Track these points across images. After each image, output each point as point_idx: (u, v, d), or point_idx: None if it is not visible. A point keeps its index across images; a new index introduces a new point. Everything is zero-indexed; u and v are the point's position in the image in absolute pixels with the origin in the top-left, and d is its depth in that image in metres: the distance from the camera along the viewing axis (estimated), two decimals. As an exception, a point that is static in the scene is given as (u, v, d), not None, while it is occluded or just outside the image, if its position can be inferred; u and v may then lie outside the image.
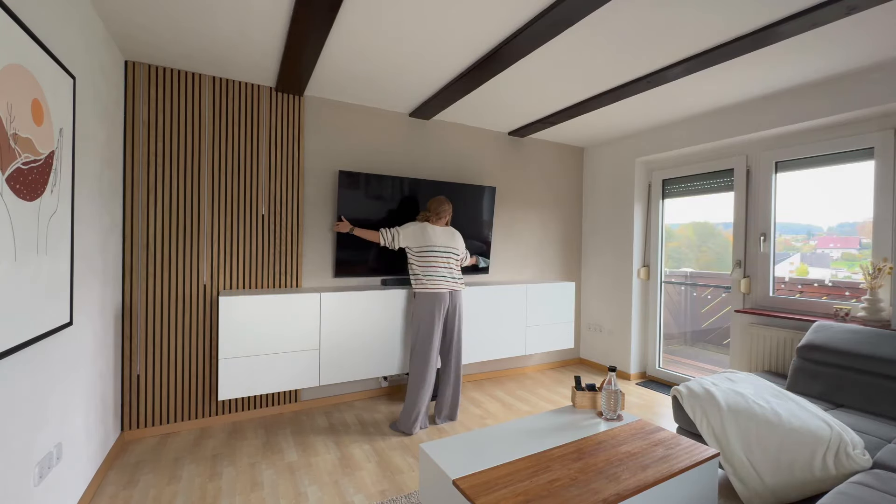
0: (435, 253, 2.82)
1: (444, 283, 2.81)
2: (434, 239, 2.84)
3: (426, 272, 2.80)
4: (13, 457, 1.34)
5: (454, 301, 2.86)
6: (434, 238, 2.84)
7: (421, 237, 2.84)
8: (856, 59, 2.37)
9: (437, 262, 2.82)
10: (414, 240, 2.84)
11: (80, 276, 1.88)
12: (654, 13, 1.95)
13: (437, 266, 2.81)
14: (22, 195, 1.34)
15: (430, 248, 2.82)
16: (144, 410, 2.64)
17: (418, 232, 2.85)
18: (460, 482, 1.47)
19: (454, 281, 2.86)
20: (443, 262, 2.83)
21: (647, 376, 4.02)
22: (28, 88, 1.36)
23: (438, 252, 2.83)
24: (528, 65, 2.51)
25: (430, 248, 2.82)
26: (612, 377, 2.02)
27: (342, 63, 2.55)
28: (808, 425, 1.84)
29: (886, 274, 2.51)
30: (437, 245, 2.84)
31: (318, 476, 2.23)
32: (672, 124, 3.58)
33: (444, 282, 2.81)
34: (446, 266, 2.85)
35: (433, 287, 2.77)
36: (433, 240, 2.84)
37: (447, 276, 2.83)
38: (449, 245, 2.89)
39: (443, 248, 2.85)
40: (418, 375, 2.75)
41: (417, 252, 2.83)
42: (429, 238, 2.84)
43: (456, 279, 2.88)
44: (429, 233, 2.85)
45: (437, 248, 2.83)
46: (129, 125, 2.55)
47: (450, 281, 2.84)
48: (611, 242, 4.17)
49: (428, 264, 2.81)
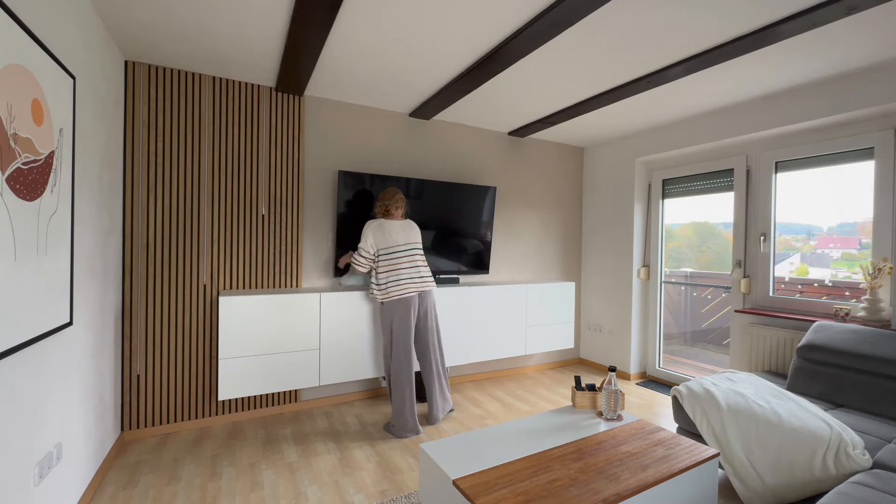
0: (398, 252, 2.65)
1: (412, 284, 2.64)
2: (395, 237, 2.67)
3: (390, 276, 2.62)
4: (13, 457, 1.34)
5: (424, 303, 2.71)
6: (395, 236, 2.67)
7: (382, 237, 2.66)
8: (856, 59, 2.37)
9: (401, 264, 2.65)
10: (379, 240, 2.66)
11: (80, 276, 1.88)
12: (654, 13, 1.95)
13: (402, 267, 2.65)
14: (22, 195, 1.34)
15: (392, 248, 2.64)
16: (144, 410, 2.64)
17: (378, 231, 2.67)
18: (460, 482, 1.47)
19: (422, 281, 2.68)
20: (407, 262, 2.67)
21: (647, 376, 4.02)
22: (28, 88, 1.36)
23: (402, 251, 2.67)
24: (528, 65, 2.51)
25: (393, 249, 2.65)
26: (612, 377, 2.02)
27: (342, 63, 2.55)
28: (808, 425, 1.84)
29: (886, 274, 2.51)
30: (400, 243, 2.67)
31: (318, 476, 2.23)
32: (672, 124, 3.58)
33: (411, 284, 2.64)
34: (412, 265, 2.68)
35: (401, 292, 2.61)
36: (394, 238, 2.67)
37: (414, 277, 2.66)
38: (411, 241, 2.73)
39: (406, 246, 2.69)
40: (396, 383, 2.65)
41: (383, 254, 2.65)
42: (390, 237, 2.66)
43: (424, 278, 2.70)
44: (387, 230, 2.67)
45: (399, 246, 2.66)
46: (129, 125, 2.55)
47: (417, 281, 2.66)
48: (611, 242, 4.17)
49: (392, 267, 2.63)
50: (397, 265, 2.65)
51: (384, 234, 2.67)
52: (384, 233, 2.67)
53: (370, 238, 2.66)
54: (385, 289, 2.63)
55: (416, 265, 2.71)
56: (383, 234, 2.67)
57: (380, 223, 2.71)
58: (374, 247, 2.66)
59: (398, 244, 2.67)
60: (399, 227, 2.72)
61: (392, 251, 2.65)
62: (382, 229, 2.68)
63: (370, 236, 2.67)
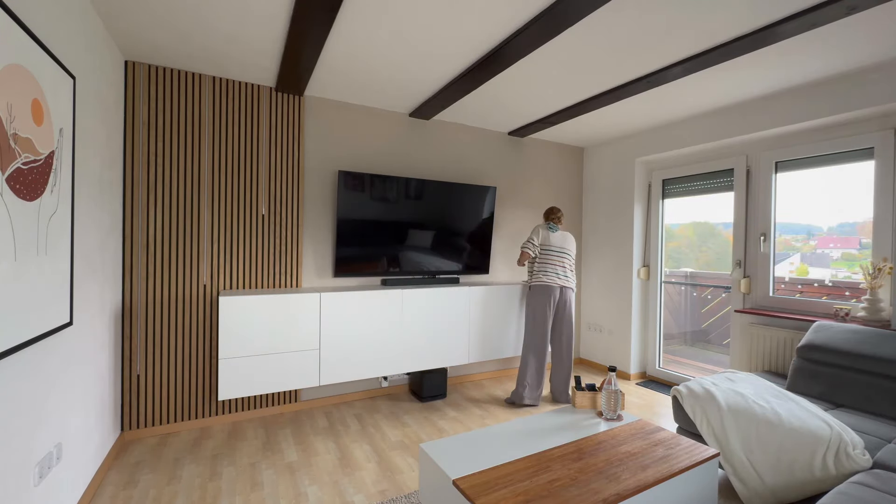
0: (552, 252, 3.27)
1: (557, 279, 3.23)
2: (552, 240, 3.30)
3: (542, 268, 3.24)
4: (13, 457, 1.34)
5: (564, 294, 3.27)
6: (552, 239, 3.30)
7: (542, 237, 3.31)
8: (856, 59, 2.37)
9: (552, 261, 3.26)
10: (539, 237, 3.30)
11: (80, 276, 1.88)
12: (654, 13, 1.95)
13: (554, 264, 3.25)
14: (22, 195, 1.34)
15: (547, 247, 3.30)
16: (144, 410, 2.64)
17: (541, 232, 3.32)
18: (460, 482, 1.47)
19: (564, 277, 3.27)
20: (557, 261, 3.27)
21: (647, 376, 4.02)
22: (28, 88, 1.36)
23: (555, 252, 3.27)
24: (528, 65, 2.51)
25: (548, 248, 3.29)
26: (612, 377, 2.02)
27: (342, 63, 2.55)
28: (808, 425, 1.84)
29: (886, 274, 2.51)
30: (554, 245, 3.29)
31: (318, 476, 2.23)
32: (672, 124, 3.58)
33: (557, 278, 3.22)
34: (561, 265, 3.27)
35: (546, 280, 3.22)
36: (551, 240, 3.30)
37: (561, 274, 3.25)
38: (564, 247, 3.32)
39: (559, 249, 3.29)
40: (525, 352, 3.25)
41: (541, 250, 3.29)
42: (548, 238, 3.30)
43: (567, 276, 3.29)
44: (548, 234, 3.31)
45: (553, 248, 3.28)
46: (129, 125, 2.55)
47: (562, 278, 3.25)
48: (611, 242, 4.17)
49: (544, 261, 3.26)
50: (549, 260, 3.26)
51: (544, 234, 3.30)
52: (544, 234, 3.31)
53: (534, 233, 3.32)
54: (536, 275, 3.26)
55: (564, 266, 3.30)
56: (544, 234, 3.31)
57: (545, 225, 3.36)
58: (535, 240, 3.29)
59: (552, 245, 3.30)
60: (559, 234, 3.34)
61: (546, 248, 3.28)
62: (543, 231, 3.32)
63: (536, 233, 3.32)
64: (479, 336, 3.37)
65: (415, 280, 3.38)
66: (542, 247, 3.26)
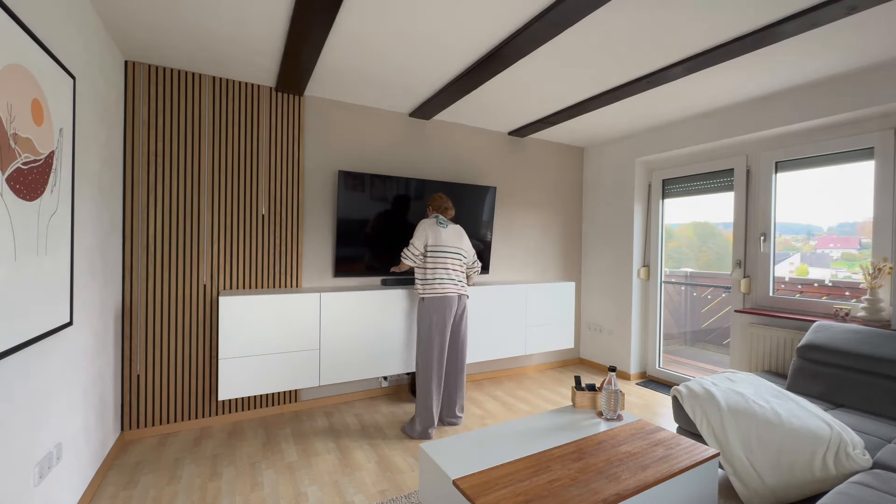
0: (445, 253, 2.73)
1: (455, 286, 2.72)
2: (443, 238, 2.74)
3: (435, 274, 2.69)
4: (13, 457, 1.34)
5: (461, 305, 2.78)
6: (443, 237, 2.75)
7: (431, 236, 2.74)
8: (856, 59, 2.37)
9: (447, 264, 2.72)
10: (425, 240, 2.74)
11: (80, 276, 1.88)
12: (654, 13, 1.95)
13: (448, 268, 2.72)
14: (22, 195, 1.34)
15: (439, 248, 2.73)
16: (144, 410, 2.64)
17: (428, 230, 2.75)
18: (460, 482, 1.47)
19: (461, 284, 2.77)
20: (452, 265, 2.75)
21: (647, 376, 4.02)
22: (28, 88, 1.36)
23: (449, 253, 2.74)
24: (528, 65, 2.51)
25: (440, 248, 2.73)
26: (612, 377, 2.02)
27: (342, 63, 2.55)
28: (808, 425, 1.84)
29: (886, 274, 2.51)
30: (448, 245, 2.75)
31: (318, 476, 2.23)
32: (672, 124, 3.58)
33: (454, 285, 2.71)
34: (455, 268, 2.76)
35: (441, 290, 2.68)
36: (442, 239, 2.74)
37: (457, 279, 2.75)
38: (458, 246, 2.81)
39: (453, 249, 2.77)
40: (426, 379, 2.68)
41: (430, 252, 2.72)
42: (438, 236, 2.73)
43: (462, 282, 2.79)
44: (438, 231, 2.75)
45: (447, 248, 2.74)
46: (129, 125, 2.55)
47: (459, 284, 2.75)
48: (611, 242, 4.17)
49: (437, 265, 2.70)
50: (441, 264, 2.72)
51: (433, 232, 2.75)
52: (433, 231, 2.75)
53: (418, 232, 2.76)
54: (428, 283, 2.70)
55: (458, 269, 2.79)
56: (433, 232, 2.75)
57: (431, 222, 2.78)
58: (418, 241, 2.75)
59: (446, 245, 2.75)
60: (450, 230, 2.81)
61: (439, 249, 2.73)
62: (432, 228, 2.75)
63: (420, 232, 2.75)
64: (478, 336, 3.37)
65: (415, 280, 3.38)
66: (433, 248, 2.70)
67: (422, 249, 2.73)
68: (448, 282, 2.69)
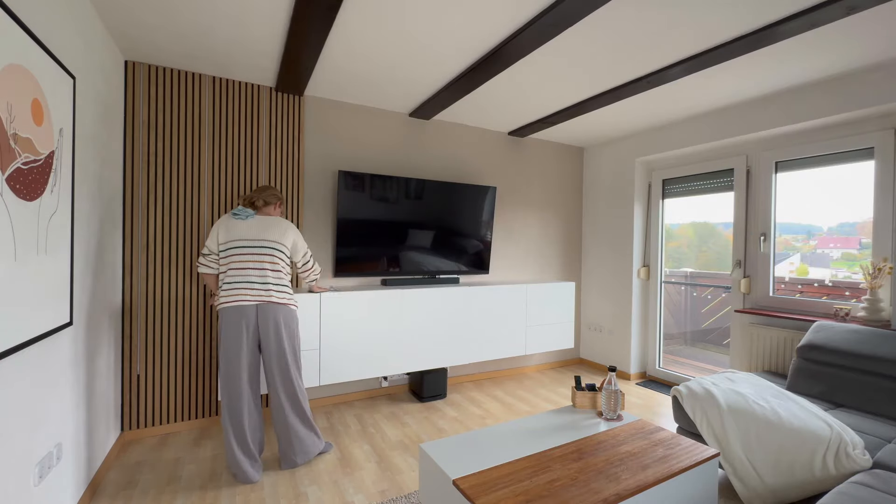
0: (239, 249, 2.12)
1: (249, 293, 2.09)
2: (238, 231, 2.13)
3: (225, 277, 2.12)
4: (13, 457, 1.34)
5: (266, 316, 2.12)
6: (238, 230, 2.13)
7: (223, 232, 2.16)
8: (856, 59, 2.37)
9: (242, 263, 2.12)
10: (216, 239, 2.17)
11: (80, 276, 1.88)
12: (654, 13, 1.95)
13: (242, 267, 2.11)
14: (22, 195, 1.34)
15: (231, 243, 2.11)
16: (144, 410, 2.64)
17: (220, 226, 2.18)
18: (460, 482, 1.47)
19: (264, 289, 2.11)
20: (250, 263, 2.12)
21: (647, 376, 4.02)
22: (28, 88, 1.36)
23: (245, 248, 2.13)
24: (528, 65, 2.51)
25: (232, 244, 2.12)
26: (612, 377, 2.02)
27: (342, 63, 2.55)
28: (808, 425, 1.84)
29: (886, 274, 2.51)
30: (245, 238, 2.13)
31: (318, 476, 2.23)
32: (672, 124, 3.58)
33: (248, 291, 2.09)
34: (255, 268, 2.12)
35: (229, 298, 2.07)
36: (237, 232, 2.13)
37: (257, 283, 2.11)
38: (261, 238, 2.15)
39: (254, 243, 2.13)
40: (223, 412, 2.13)
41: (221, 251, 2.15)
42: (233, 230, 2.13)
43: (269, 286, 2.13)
44: (231, 224, 2.14)
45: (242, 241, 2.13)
46: (129, 125, 2.55)
47: (258, 289, 2.10)
48: (611, 242, 4.17)
49: (228, 265, 2.12)
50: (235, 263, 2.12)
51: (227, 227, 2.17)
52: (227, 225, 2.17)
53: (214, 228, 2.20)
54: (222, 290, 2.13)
55: (263, 268, 2.14)
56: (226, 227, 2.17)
57: (226, 216, 2.22)
58: (211, 241, 2.21)
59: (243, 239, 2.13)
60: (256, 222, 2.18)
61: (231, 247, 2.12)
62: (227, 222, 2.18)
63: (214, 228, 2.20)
64: (479, 336, 3.37)
65: (415, 280, 3.38)
66: (224, 245, 2.13)
67: (215, 250, 2.18)
68: (242, 287, 2.08)
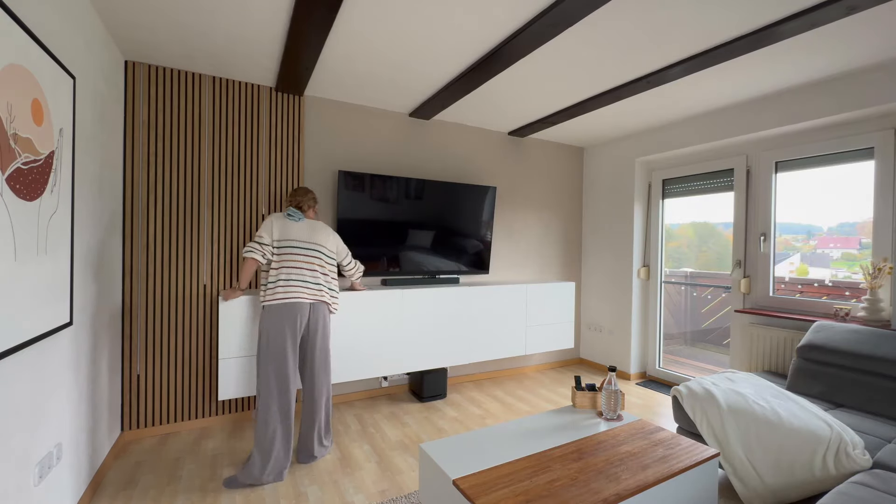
0: (295, 249, 2.22)
1: (304, 291, 2.22)
2: (292, 232, 2.24)
3: (279, 275, 2.20)
4: (13, 457, 1.34)
5: (317, 314, 2.26)
6: (292, 230, 2.24)
7: (277, 229, 2.23)
8: (856, 59, 2.37)
9: (295, 262, 2.22)
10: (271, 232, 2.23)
11: (80, 276, 1.88)
12: (654, 13, 1.95)
13: (296, 267, 2.22)
14: (22, 195, 1.34)
15: (287, 242, 2.20)
16: (144, 410, 2.64)
17: (275, 222, 2.25)
18: (460, 482, 1.47)
19: (317, 288, 2.26)
20: (303, 264, 2.23)
21: (647, 376, 4.02)
22: (28, 88, 1.36)
23: (300, 249, 2.24)
24: (528, 65, 2.51)
25: (288, 243, 2.21)
26: (612, 377, 2.02)
27: (342, 63, 2.55)
28: (808, 425, 1.84)
29: (886, 274, 2.51)
30: (299, 240, 2.25)
31: (318, 476, 2.23)
32: (672, 124, 3.58)
33: (304, 290, 2.21)
34: (309, 268, 2.25)
35: (284, 295, 2.17)
36: (291, 233, 2.23)
37: (310, 283, 2.24)
38: (313, 241, 2.29)
39: (307, 245, 2.27)
40: (263, 410, 2.16)
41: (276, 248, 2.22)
42: (287, 230, 2.21)
43: (321, 285, 2.27)
44: (286, 224, 2.23)
45: (298, 243, 2.24)
46: (129, 125, 2.55)
47: (312, 288, 2.24)
48: (611, 242, 4.17)
49: (282, 264, 2.20)
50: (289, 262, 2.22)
51: (281, 225, 2.27)
52: (281, 224, 2.27)
53: (265, 224, 2.26)
54: (271, 288, 2.19)
55: (314, 270, 2.27)
56: (280, 225, 2.26)
57: (278, 215, 2.32)
58: (264, 235, 2.24)
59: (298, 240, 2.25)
60: (306, 224, 2.32)
61: (286, 246, 2.21)
62: (279, 221, 2.28)
63: (266, 224, 2.26)
64: (479, 336, 3.37)
65: (415, 280, 3.38)
66: (280, 243, 2.22)
67: (269, 242, 2.21)
68: (298, 284, 2.20)
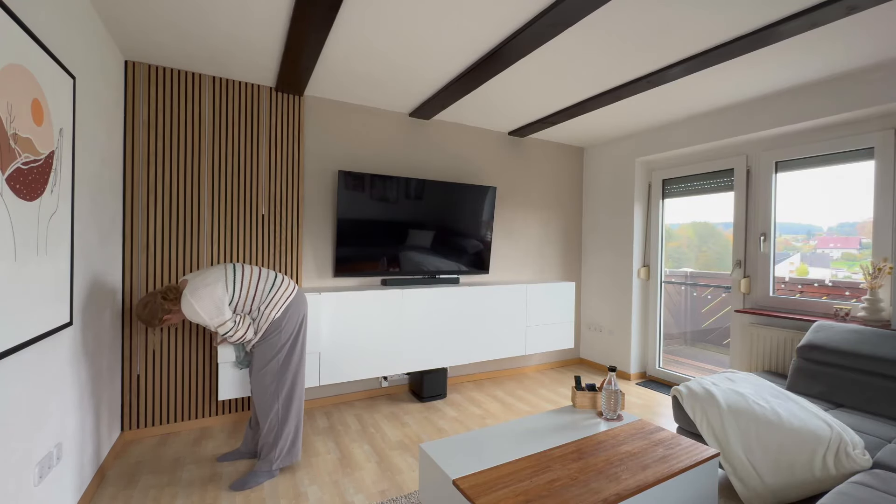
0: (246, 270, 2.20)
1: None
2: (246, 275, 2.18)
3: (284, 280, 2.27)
4: (13, 456, 1.34)
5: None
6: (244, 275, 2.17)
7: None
8: (856, 59, 2.37)
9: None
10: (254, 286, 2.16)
11: (80, 276, 1.88)
12: (654, 13, 1.95)
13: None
14: (22, 195, 1.34)
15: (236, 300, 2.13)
16: (144, 410, 2.63)
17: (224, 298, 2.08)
18: (460, 482, 1.47)
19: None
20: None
21: (647, 376, 4.02)
22: (28, 88, 1.36)
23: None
24: (528, 64, 2.51)
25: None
26: (612, 377, 2.02)
27: (342, 63, 2.55)
28: (808, 425, 1.84)
29: (886, 274, 2.51)
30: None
31: (318, 476, 2.23)
32: (672, 124, 3.58)
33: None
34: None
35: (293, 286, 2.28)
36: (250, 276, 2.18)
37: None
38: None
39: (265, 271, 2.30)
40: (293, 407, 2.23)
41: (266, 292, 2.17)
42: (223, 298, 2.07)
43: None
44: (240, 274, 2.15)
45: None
46: (129, 125, 2.55)
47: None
48: (611, 242, 4.17)
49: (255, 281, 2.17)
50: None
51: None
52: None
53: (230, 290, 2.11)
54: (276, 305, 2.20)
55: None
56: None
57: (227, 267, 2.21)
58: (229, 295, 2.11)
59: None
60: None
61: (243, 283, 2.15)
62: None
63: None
64: (479, 336, 3.37)
65: (415, 280, 3.38)
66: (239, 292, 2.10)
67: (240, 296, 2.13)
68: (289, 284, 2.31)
